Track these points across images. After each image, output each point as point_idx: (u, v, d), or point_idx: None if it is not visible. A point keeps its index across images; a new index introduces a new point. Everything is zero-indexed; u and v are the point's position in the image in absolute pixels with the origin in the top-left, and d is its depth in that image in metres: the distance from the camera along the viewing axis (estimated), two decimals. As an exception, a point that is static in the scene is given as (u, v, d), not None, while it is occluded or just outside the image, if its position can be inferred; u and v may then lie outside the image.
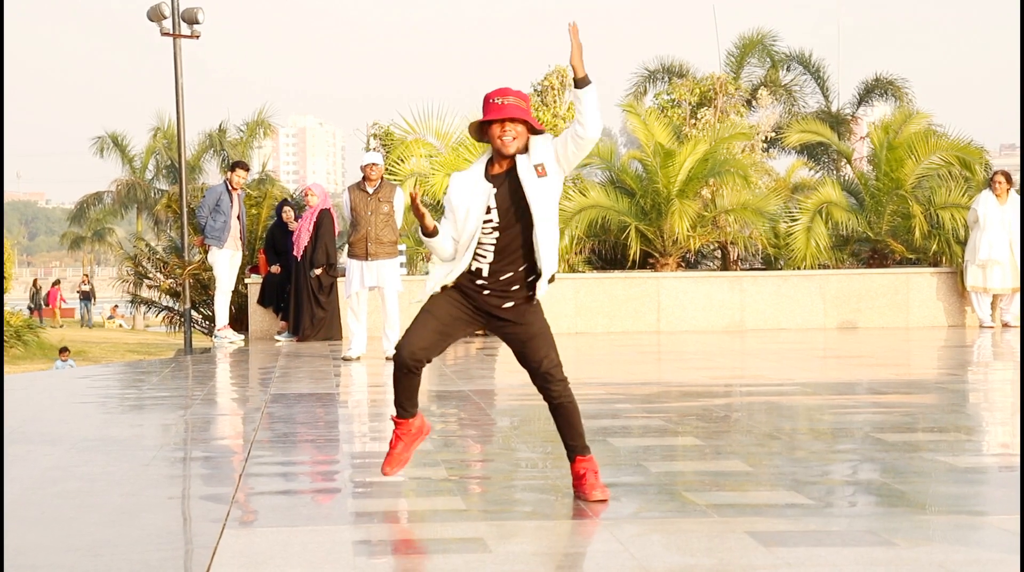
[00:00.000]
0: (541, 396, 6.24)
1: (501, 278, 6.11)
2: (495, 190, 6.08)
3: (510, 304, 6.15)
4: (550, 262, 6.09)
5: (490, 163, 6.18)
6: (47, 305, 58.03)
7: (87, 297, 56.72)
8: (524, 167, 6.06)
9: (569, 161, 6.09)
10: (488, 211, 6.07)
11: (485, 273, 6.11)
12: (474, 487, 6.74)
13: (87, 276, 58.95)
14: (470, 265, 6.12)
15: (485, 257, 6.10)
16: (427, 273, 16.20)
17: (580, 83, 5.92)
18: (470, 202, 6.10)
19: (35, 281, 60.91)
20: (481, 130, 6.15)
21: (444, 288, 6.18)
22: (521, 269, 6.12)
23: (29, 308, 55.94)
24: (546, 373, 6.17)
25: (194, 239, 19.03)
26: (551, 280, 6.13)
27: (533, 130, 6.09)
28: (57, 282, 61.99)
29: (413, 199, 6.12)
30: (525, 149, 6.10)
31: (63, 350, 30.46)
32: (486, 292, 6.13)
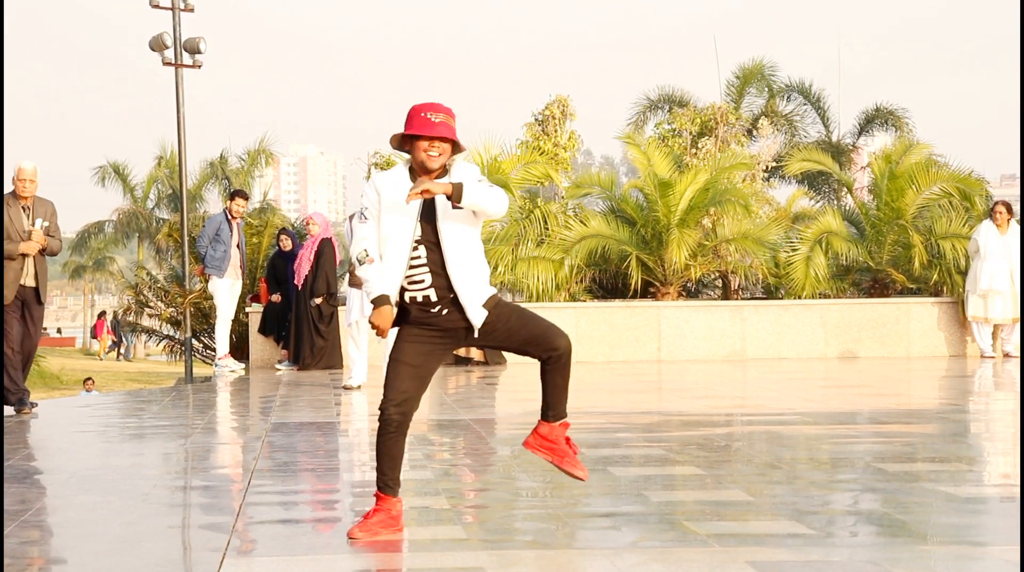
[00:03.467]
0: (545, 362, 6.06)
1: (451, 297, 5.96)
2: (421, 200, 5.95)
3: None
4: (469, 293, 5.94)
5: (411, 172, 6.04)
6: (94, 336, 58.14)
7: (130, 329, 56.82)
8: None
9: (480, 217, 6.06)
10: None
11: (434, 298, 5.97)
12: (474, 516, 6.73)
13: (130, 308, 58.85)
14: (413, 297, 5.98)
15: (423, 282, 5.95)
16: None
17: (454, 199, 5.85)
18: (399, 207, 5.96)
19: (103, 313, 61.14)
20: (403, 140, 6.04)
21: (402, 327, 6.06)
22: None
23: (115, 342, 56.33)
24: (549, 344, 5.99)
25: (195, 268, 19.05)
26: (493, 304, 5.98)
27: (456, 149, 6.02)
28: (102, 314, 61.74)
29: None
30: (445, 171, 6.02)
31: (87, 380, 30.48)
32: (445, 312, 5.99)
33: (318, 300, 17.80)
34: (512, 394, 14.31)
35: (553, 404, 6.20)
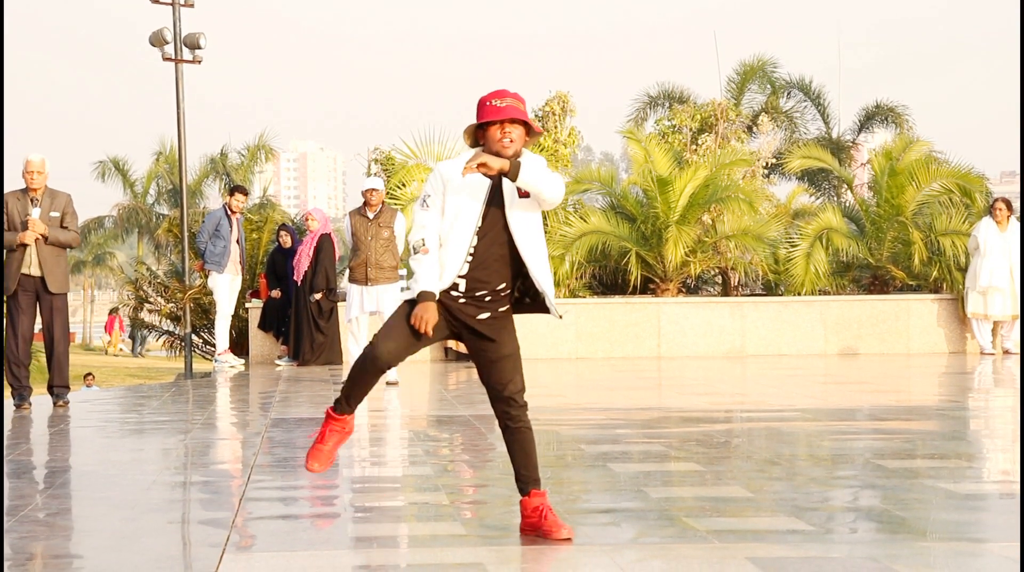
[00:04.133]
0: (498, 420, 5.99)
1: (476, 294, 5.88)
2: (490, 189, 5.85)
3: (485, 315, 5.89)
4: (546, 282, 5.86)
5: None
6: (107, 333, 58.11)
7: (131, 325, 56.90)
8: (508, 182, 5.85)
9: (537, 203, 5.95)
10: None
11: (462, 288, 5.87)
12: (474, 512, 6.73)
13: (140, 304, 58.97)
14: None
15: (461, 270, 5.84)
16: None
17: (511, 176, 5.74)
18: (465, 192, 5.85)
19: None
20: (476, 134, 5.92)
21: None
22: (498, 286, 5.88)
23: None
24: (510, 397, 5.91)
25: (194, 264, 19.05)
26: (558, 315, 5.98)
27: (530, 132, 5.89)
28: (115, 310, 61.81)
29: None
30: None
31: (87, 375, 30.46)
32: (462, 301, 5.87)
33: (317, 296, 17.80)
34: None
35: (524, 476, 6.01)
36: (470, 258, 5.85)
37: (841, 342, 19.56)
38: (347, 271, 15.03)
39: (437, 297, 5.85)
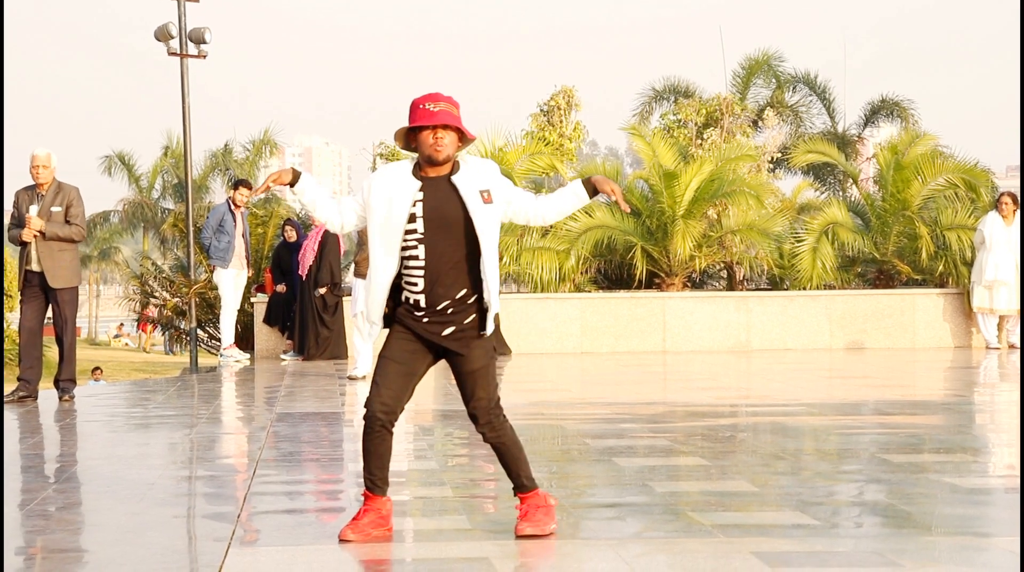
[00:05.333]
0: (482, 435, 5.98)
1: (438, 308, 5.80)
2: (422, 193, 5.78)
3: (450, 330, 5.80)
4: (496, 296, 5.82)
5: (418, 166, 5.86)
6: (142, 332, 58.24)
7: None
8: (466, 186, 5.79)
9: (509, 218, 6.02)
10: (412, 219, 5.76)
11: (423, 304, 5.79)
12: (479, 506, 6.73)
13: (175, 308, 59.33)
14: (406, 297, 5.83)
15: (416, 285, 5.78)
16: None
17: (592, 194, 6.01)
18: (392, 200, 5.79)
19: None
20: (408, 137, 5.88)
21: (392, 326, 5.89)
22: (459, 295, 5.78)
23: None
24: (473, 414, 5.89)
25: (208, 266, 19.06)
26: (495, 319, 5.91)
27: (463, 138, 5.84)
28: (146, 305, 61.77)
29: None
30: (455, 164, 5.85)
31: (95, 370, 30.56)
32: (425, 320, 5.81)
33: (322, 290, 17.80)
34: (516, 384, 14.31)
35: (510, 478, 5.99)
36: (422, 270, 5.78)
37: (847, 337, 19.54)
38: (352, 265, 15.02)
39: (302, 177, 6.13)
